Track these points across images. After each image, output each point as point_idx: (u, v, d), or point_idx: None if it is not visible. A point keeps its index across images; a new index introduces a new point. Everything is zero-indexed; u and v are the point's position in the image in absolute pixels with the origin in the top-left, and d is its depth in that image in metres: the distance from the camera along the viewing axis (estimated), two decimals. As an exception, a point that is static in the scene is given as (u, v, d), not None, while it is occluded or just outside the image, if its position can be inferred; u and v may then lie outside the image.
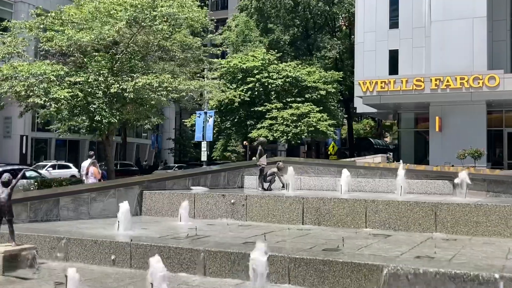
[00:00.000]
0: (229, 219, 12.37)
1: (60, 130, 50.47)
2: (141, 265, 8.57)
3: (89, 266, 8.94)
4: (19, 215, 11.31)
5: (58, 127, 51.30)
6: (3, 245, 8.73)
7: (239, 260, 7.87)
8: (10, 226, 8.68)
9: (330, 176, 15.43)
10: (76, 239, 9.20)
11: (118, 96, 21.29)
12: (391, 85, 32.44)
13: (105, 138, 23.43)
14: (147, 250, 8.57)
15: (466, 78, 30.71)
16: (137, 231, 10.14)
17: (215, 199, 12.65)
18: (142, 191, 13.43)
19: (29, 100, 19.63)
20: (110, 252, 8.87)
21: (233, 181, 15.82)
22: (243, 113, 34.22)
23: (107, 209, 12.86)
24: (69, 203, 12.17)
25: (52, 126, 51.51)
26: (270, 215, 11.96)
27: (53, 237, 9.40)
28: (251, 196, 12.32)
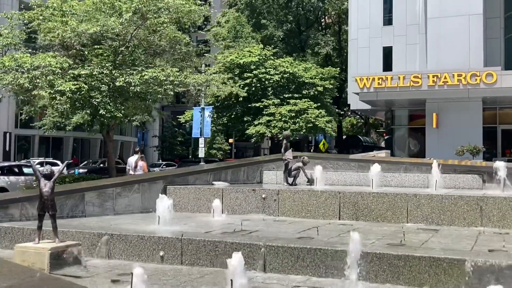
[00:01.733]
0: (260, 214, 12.02)
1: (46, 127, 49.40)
2: (193, 262, 8.19)
3: (134, 263, 8.48)
4: (45, 211, 10.79)
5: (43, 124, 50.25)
6: (46, 242, 8.23)
7: (304, 256, 7.53)
8: (53, 222, 8.19)
9: (351, 171, 15.17)
10: (120, 235, 8.74)
11: (122, 90, 20.70)
12: (388, 82, 32.37)
13: (105, 133, 22.79)
14: (200, 246, 8.17)
15: (463, 75, 30.78)
16: (177, 227, 9.72)
17: (245, 194, 12.27)
18: (166, 186, 12.99)
19: (34, 93, 18.92)
20: (159, 248, 8.44)
21: (252, 176, 15.45)
22: (240, 109, 33.79)
23: (132, 204, 12.40)
24: (94, 199, 11.69)
25: (37, 123, 50.59)
26: (304, 210, 11.64)
27: (93, 233, 8.93)
28: (283, 191, 11.98)
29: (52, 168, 8.41)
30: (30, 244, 8.15)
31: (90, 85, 19.51)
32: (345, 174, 14.77)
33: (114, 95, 20.80)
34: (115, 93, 20.76)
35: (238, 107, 33.68)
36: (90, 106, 20.22)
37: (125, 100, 21.10)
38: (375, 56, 38.48)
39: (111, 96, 20.67)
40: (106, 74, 19.85)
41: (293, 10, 43.17)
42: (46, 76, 18.58)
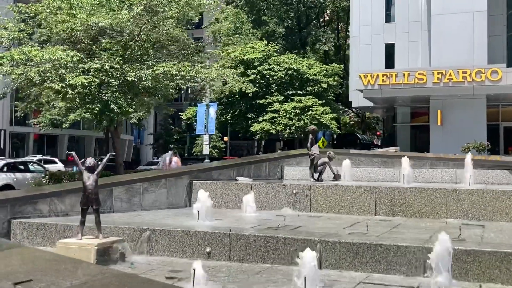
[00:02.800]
0: (291, 209, 11.69)
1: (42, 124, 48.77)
2: (242, 258, 7.89)
3: (179, 260, 8.18)
4: (73, 206, 10.45)
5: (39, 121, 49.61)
6: (89, 238, 7.89)
7: (363, 251, 7.25)
8: (97, 216, 7.86)
9: (374, 167, 14.91)
10: (163, 231, 8.41)
11: (133, 85, 20.33)
12: (392, 79, 32.18)
13: (113, 130, 22.38)
14: (250, 242, 7.87)
15: (468, 72, 30.67)
16: (216, 222, 9.40)
17: (274, 189, 11.96)
18: (191, 182, 12.65)
19: (44, 85, 18.47)
20: (205, 244, 8.13)
21: (273, 172, 15.14)
22: (244, 106, 33.42)
23: (158, 200, 12.05)
24: (122, 194, 11.32)
25: (32, 120, 49.91)
26: (337, 206, 11.35)
27: (133, 229, 8.59)
28: (315, 186, 11.69)
29: (95, 161, 8.06)
30: (73, 240, 7.81)
31: (100, 79, 19.11)
32: (369, 170, 14.49)
33: (124, 90, 20.41)
34: (125, 88, 20.38)
35: (241, 103, 33.32)
36: (100, 101, 19.80)
37: (135, 95, 20.71)
38: (377, 53, 38.29)
39: (121, 91, 20.29)
40: (116, 69, 19.45)
41: (294, 7, 42.88)
42: (56, 69, 18.14)
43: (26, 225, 9.33)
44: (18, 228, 9.39)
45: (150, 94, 21.87)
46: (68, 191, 10.40)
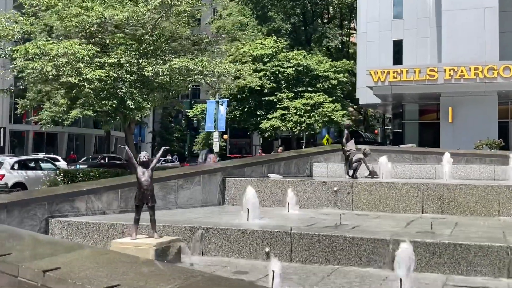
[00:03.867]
0: (331, 208, 11.27)
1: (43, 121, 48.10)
2: (305, 259, 7.44)
3: (236, 260, 7.73)
4: (110, 204, 9.99)
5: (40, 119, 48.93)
6: (143, 237, 7.41)
7: (441, 252, 6.82)
8: (152, 214, 7.39)
9: (406, 163, 14.53)
10: (217, 230, 7.95)
11: (148, 81, 19.81)
12: (403, 75, 31.80)
13: (127, 127, 21.82)
14: (314, 241, 7.42)
15: (480, 68, 30.36)
16: (265, 221, 8.95)
17: (314, 187, 11.53)
18: (225, 178, 12.20)
19: (62, 80, 17.88)
20: (263, 244, 7.67)
21: (303, 169, 14.72)
22: (253, 103, 32.93)
23: (193, 197, 11.59)
24: (157, 191, 10.78)
25: (33, 117, 49.25)
26: (382, 204, 10.93)
27: (184, 228, 8.13)
28: (358, 184, 11.25)
29: (149, 155, 7.59)
30: (128, 239, 7.33)
31: (117, 74, 18.58)
32: (403, 166, 14.09)
33: (140, 85, 19.89)
34: (140, 84, 19.86)
35: (250, 100, 32.84)
36: (115, 97, 19.25)
37: (151, 91, 20.20)
38: (384, 50, 37.93)
39: (136, 87, 19.77)
40: (133, 63, 18.92)
41: (300, 2, 42.39)
42: (73, 64, 17.59)
43: (65, 224, 8.85)
44: (56, 227, 8.91)
45: (164, 90, 21.34)
46: (106, 188, 9.92)
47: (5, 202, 8.48)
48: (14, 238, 6.32)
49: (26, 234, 6.79)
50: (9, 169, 20.07)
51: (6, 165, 20.13)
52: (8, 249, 5.63)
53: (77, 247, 5.69)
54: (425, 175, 13.69)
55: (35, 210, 8.88)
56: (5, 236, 6.35)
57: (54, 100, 41.92)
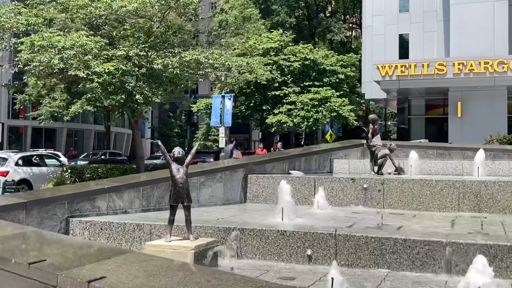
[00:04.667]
0: (361, 206, 10.74)
1: (42, 117, 47.34)
2: (351, 262, 6.91)
3: (275, 263, 7.20)
4: (132, 203, 9.45)
5: (39, 114, 48.22)
6: (178, 239, 6.88)
7: (502, 256, 6.30)
8: (188, 214, 6.85)
9: (430, 159, 14.01)
10: (254, 231, 7.41)
11: (157, 74, 19.23)
12: (411, 69, 31.29)
13: (134, 121, 21.23)
14: (361, 244, 6.89)
15: (490, 63, 29.87)
16: (300, 221, 8.42)
17: (342, 184, 10.99)
18: (246, 175, 11.65)
19: (70, 73, 17.27)
20: (305, 246, 7.14)
21: (323, 165, 14.19)
22: (259, 98, 32.32)
23: (215, 195, 11.05)
24: (179, 189, 10.28)
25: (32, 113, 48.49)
26: (415, 202, 10.41)
27: (218, 228, 7.59)
28: (389, 181, 10.73)
29: (183, 151, 7.05)
30: (161, 241, 6.79)
31: (126, 67, 17.99)
32: (429, 162, 13.56)
33: (148, 79, 19.31)
34: (149, 77, 19.27)
35: (256, 95, 32.23)
36: (123, 91, 18.65)
37: (160, 85, 19.62)
38: (390, 44, 37.39)
39: (145, 81, 19.19)
40: (142, 56, 18.33)
41: (305, -4, 41.83)
42: (81, 56, 16.99)
43: (87, 225, 8.30)
44: (78, 227, 8.36)
45: (172, 84, 20.76)
46: (127, 186, 9.37)
47: (24, 202, 7.91)
48: (43, 241, 5.76)
49: (55, 236, 6.24)
50: (13, 165, 19.46)
51: (11, 161, 19.51)
52: (41, 255, 5.08)
53: (117, 252, 5.14)
54: (451, 171, 13.17)
55: (55, 209, 8.32)
56: (34, 239, 5.80)
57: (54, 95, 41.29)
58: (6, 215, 7.69)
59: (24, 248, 5.40)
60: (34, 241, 5.75)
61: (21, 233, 6.01)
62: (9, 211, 7.74)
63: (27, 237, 5.89)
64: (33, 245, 5.54)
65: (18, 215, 7.83)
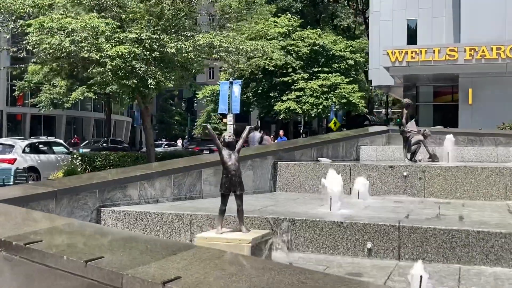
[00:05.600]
0: (401, 195, 10.19)
1: (42, 104, 46.43)
2: (417, 256, 6.34)
3: (332, 257, 6.66)
4: (163, 191, 8.87)
5: (39, 101, 47.32)
6: (228, 230, 6.30)
7: None
8: (240, 204, 6.27)
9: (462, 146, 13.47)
10: (306, 222, 6.85)
11: (169, 58, 18.56)
12: (422, 55, 30.73)
13: (144, 108, 20.55)
14: (428, 236, 6.33)
15: (502, 48, 29.38)
16: (348, 211, 7.85)
17: (379, 172, 10.43)
18: (276, 163, 11.08)
19: (82, 56, 16.55)
20: (364, 239, 6.58)
21: (349, 152, 13.63)
22: (266, 84, 31.64)
23: (245, 183, 10.30)
24: (211, 176, 9.72)
25: (32, 100, 47.64)
26: (459, 190, 9.86)
27: (266, 219, 7.02)
28: (431, 168, 10.17)
29: (234, 135, 6.45)
30: (213, 233, 6.20)
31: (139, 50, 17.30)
32: (461, 149, 13.01)
33: (160, 64, 18.64)
34: (161, 62, 18.60)
35: (264, 81, 31.54)
36: (135, 75, 17.96)
37: (172, 69, 18.96)
38: (398, 30, 36.77)
39: (157, 65, 18.52)
40: (155, 39, 17.65)
41: (310, -20, 40.97)
42: (93, 39, 16.30)
43: (121, 215, 7.72)
44: (110, 218, 7.78)
45: (183, 69, 20.11)
46: (159, 174, 8.79)
47: (54, 190, 7.32)
48: (92, 234, 5.15)
49: (104, 229, 5.65)
50: (20, 152, 18.80)
51: (18, 148, 18.84)
52: (95, 251, 4.49)
53: (182, 247, 4.55)
54: (485, 158, 12.66)
55: (86, 199, 7.74)
56: (80, 232, 5.19)
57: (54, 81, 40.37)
58: (36, 205, 7.11)
59: (73, 243, 4.80)
60: (81, 234, 5.15)
61: (63, 226, 5.41)
62: (39, 200, 7.16)
63: (72, 229, 5.29)
64: (81, 239, 4.94)
65: (48, 205, 7.25)
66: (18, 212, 6.01)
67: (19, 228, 5.28)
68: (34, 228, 5.30)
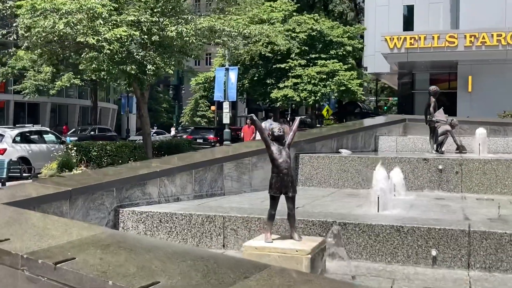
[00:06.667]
0: (435, 191, 9.44)
1: (27, 91, 44.89)
2: (490, 265, 5.62)
3: (390, 266, 5.88)
4: (184, 188, 8.02)
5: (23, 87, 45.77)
6: (276, 237, 5.47)
7: None
8: (292, 208, 5.45)
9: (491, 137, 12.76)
10: (359, 225, 6.05)
11: (167, 43, 17.57)
12: (421, 42, 29.98)
13: (140, 95, 19.54)
14: (503, 243, 5.56)
15: (503, 35, 28.71)
16: (397, 211, 7.07)
17: (412, 165, 9.66)
18: (298, 155, 10.24)
19: (78, 40, 15.48)
20: (428, 245, 5.80)
21: (368, 143, 12.84)
22: (263, 71, 30.70)
23: (267, 177, 9.44)
24: (232, 171, 8.89)
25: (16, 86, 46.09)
26: (499, 185, 9.16)
27: (311, 222, 6.19)
28: (469, 161, 9.43)
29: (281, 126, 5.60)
30: (261, 242, 5.36)
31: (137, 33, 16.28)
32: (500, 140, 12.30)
33: (158, 48, 17.64)
34: (160, 46, 17.60)
35: (260, 68, 30.58)
36: (133, 60, 16.95)
37: (171, 54, 17.98)
38: (394, 15, 35.98)
39: (155, 50, 17.53)
40: (154, 22, 16.64)
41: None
42: (90, 21, 15.26)
43: (143, 216, 6.86)
44: (130, 220, 6.92)
45: (182, 54, 19.15)
46: (179, 169, 7.92)
47: (68, 190, 6.42)
48: (133, 248, 4.25)
49: (143, 241, 4.77)
50: (11, 142, 17.72)
51: (8, 138, 17.76)
52: (146, 272, 3.63)
53: (251, 267, 3.70)
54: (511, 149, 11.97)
55: (102, 198, 6.86)
56: (116, 245, 4.29)
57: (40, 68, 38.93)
58: (48, 207, 6.21)
59: (114, 261, 3.91)
60: (120, 248, 4.26)
61: (94, 237, 4.53)
62: (51, 201, 6.26)
63: (107, 242, 4.40)
64: (123, 256, 4.05)
65: (61, 206, 6.36)
66: (35, 218, 5.12)
67: (42, 240, 4.39)
68: (59, 240, 4.42)
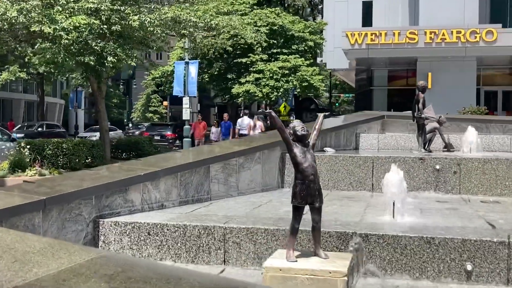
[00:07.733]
0: (432, 192, 8.88)
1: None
2: (534, 281, 4.97)
3: (419, 283, 5.16)
4: (169, 194, 7.16)
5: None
6: (299, 255, 4.67)
7: None
8: (318, 221, 4.70)
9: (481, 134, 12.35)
10: (384, 237, 5.34)
11: (128, 34, 16.47)
12: (382, 38, 29.78)
13: (97, 88, 18.31)
14: (549, 255, 4.95)
15: (462, 32, 28.88)
16: (412, 219, 6.40)
17: (408, 165, 9.06)
18: (284, 154, 9.48)
19: (33, 29, 14.13)
20: (463, 258, 5.14)
21: (350, 141, 12.23)
22: (223, 65, 29.73)
23: (254, 179, 8.85)
24: (219, 173, 8.03)
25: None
26: (499, 186, 8.68)
27: (328, 233, 5.43)
28: (467, 160, 8.90)
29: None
30: (283, 261, 4.55)
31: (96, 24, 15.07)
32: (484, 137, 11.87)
33: (119, 39, 16.49)
34: (120, 37, 16.46)
35: (221, 62, 29.60)
36: (91, 52, 15.73)
37: (133, 45, 16.86)
38: (353, 12, 35.76)
39: (115, 40, 16.38)
40: (115, 11, 15.50)
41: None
42: (45, 8, 14.00)
43: (127, 228, 5.92)
44: (112, 232, 5.98)
45: (143, 45, 18.06)
46: (164, 172, 7.00)
47: (42, 199, 5.42)
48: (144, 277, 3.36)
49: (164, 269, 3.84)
50: (-45, 140, 16.20)
51: (-49, 135, 16.21)
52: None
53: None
54: (498, 147, 11.60)
55: (80, 208, 5.89)
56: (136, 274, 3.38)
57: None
58: (18, 220, 5.20)
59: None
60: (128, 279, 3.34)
61: (89, 263, 3.59)
62: (21, 214, 5.25)
63: (106, 271, 3.47)
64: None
65: (33, 218, 5.38)
66: (9, 238, 4.11)
67: (24, 269, 3.42)
68: (48, 268, 3.44)
